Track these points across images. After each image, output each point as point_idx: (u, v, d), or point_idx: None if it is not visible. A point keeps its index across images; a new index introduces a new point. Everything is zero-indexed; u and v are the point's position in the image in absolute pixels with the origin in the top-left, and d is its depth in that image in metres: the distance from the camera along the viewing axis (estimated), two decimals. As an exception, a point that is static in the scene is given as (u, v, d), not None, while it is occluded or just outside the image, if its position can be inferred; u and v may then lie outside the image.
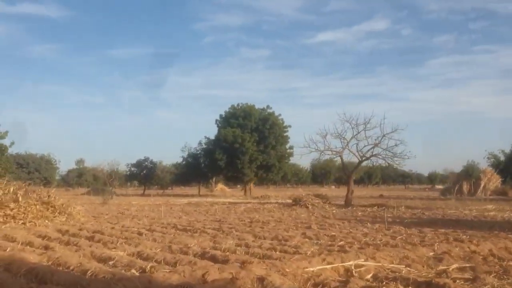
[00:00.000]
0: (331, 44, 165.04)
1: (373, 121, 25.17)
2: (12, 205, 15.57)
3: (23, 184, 16.93)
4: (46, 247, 10.28)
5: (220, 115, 48.67)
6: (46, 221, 15.86)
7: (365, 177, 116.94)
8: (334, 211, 22.47)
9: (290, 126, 48.15)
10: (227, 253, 9.08)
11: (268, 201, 34.26)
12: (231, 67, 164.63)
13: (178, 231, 13.58)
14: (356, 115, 25.63)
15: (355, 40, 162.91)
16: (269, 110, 48.45)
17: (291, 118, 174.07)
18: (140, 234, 12.61)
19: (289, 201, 28.19)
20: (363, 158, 25.31)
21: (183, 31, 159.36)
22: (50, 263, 8.35)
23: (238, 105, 48.21)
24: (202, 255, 8.86)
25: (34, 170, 60.99)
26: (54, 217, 16.17)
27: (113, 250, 9.69)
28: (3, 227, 14.69)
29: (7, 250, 9.69)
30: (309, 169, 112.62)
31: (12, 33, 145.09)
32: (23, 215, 15.50)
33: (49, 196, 16.63)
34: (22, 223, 15.30)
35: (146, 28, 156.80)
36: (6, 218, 15.31)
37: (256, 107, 48.40)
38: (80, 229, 13.75)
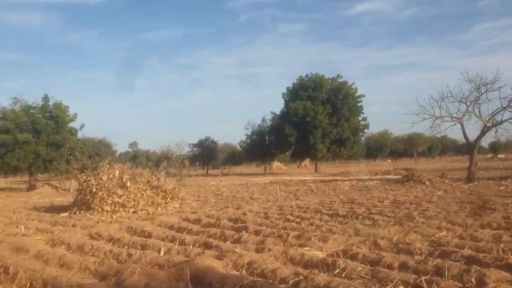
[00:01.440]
0: (369, 14, 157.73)
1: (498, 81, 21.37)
2: (119, 191, 13.40)
3: (126, 167, 14.69)
4: (208, 245, 7.82)
5: (287, 88, 45.72)
6: (159, 208, 13.62)
7: (425, 150, 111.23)
8: (465, 187, 19.22)
9: (363, 96, 44.68)
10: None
11: (357, 177, 31.25)
12: (267, 44, 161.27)
13: (338, 217, 10.86)
14: (481, 74, 21.83)
15: (394, 9, 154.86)
16: (339, 80, 45.00)
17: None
18: (298, 223, 9.99)
19: (391, 177, 25.06)
20: (491, 124, 21.72)
21: (218, 10, 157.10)
22: (242, 272, 5.85)
23: (306, 75, 45.07)
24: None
25: (94, 154, 60.38)
26: (166, 203, 13.93)
27: (306, 248, 7.09)
28: (114, 216, 12.57)
29: (162, 254, 7.28)
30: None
31: (53, 21, 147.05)
32: (133, 202, 13.32)
33: (158, 179, 14.34)
34: (133, 212, 13.15)
35: (180, 10, 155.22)
36: (115, 207, 13.19)
37: (326, 76, 45.10)
38: (218, 219, 11.26)
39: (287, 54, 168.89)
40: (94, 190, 13.26)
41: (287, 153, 50.53)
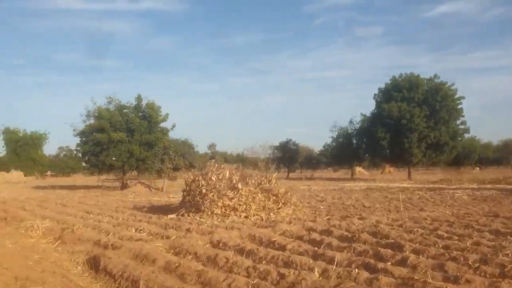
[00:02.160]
0: (450, 16, 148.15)
1: None
2: (230, 193, 12.25)
3: (234, 168, 13.55)
4: (369, 267, 6.26)
5: (379, 89, 43.10)
6: (271, 213, 12.31)
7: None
8: None
9: (464, 98, 40.90)
10: None
11: (463, 186, 28.17)
12: (343, 47, 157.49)
13: (500, 235, 8.83)
14: None
15: (479, 10, 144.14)
16: (436, 80, 41.57)
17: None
18: (460, 241, 8.11)
19: (503, 186, 21.94)
20: None
21: (294, 14, 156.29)
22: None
23: (400, 75, 42.17)
24: None
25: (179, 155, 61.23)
26: (279, 208, 12.57)
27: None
28: (227, 221, 11.38)
29: (317, 275, 5.82)
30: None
31: (136, 28, 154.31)
32: (244, 206, 12.10)
33: (269, 182, 13.03)
34: (245, 217, 11.94)
35: (256, 15, 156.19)
36: (225, 210, 12.05)
37: (422, 76, 41.89)
38: (350, 231, 9.68)
39: (362, 57, 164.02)
40: (204, 191, 12.24)
41: (377, 157, 47.75)
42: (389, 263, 6.58)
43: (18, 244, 9.38)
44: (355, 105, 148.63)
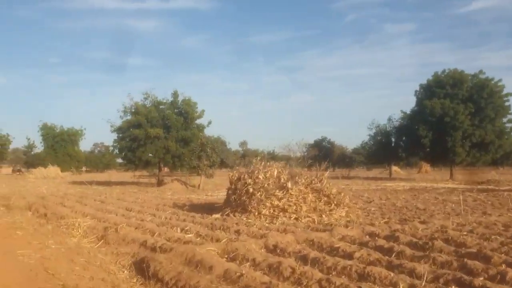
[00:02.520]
0: (485, 11, 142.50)
1: None
2: (279, 193, 11.47)
3: (280, 166, 12.76)
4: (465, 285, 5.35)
5: (421, 85, 41.35)
6: (323, 215, 11.46)
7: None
8: None
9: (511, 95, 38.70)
10: None
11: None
12: (373, 45, 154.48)
13: None
14: None
15: None
16: (481, 76, 39.56)
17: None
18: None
19: None
20: None
21: (323, 12, 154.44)
22: None
23: (443, 71, 40.34)
24: None
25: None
26: (331, 210, 11.68)
27: None
28: (277, 223, 10.61)
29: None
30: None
31: (166, 26, 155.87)
32: (294, 207, 11.29)
33: (320, 181, 12.19)
34: (295, 218, 11.13)
35: (285, 13, 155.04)
36: (274, 211, 11.27)
37: (466, 72, 39.93)
38: (417, 236, 8.74)
39: (394, 55, 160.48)
40: (251, 190, 11.51)
41: (417, 156, 46.03)
42: (481, 278, 5.66)
43: (62, 244, 8.90)
44: (385, 104, 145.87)
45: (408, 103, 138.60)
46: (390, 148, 44.80)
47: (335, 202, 11.81)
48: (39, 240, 8.90)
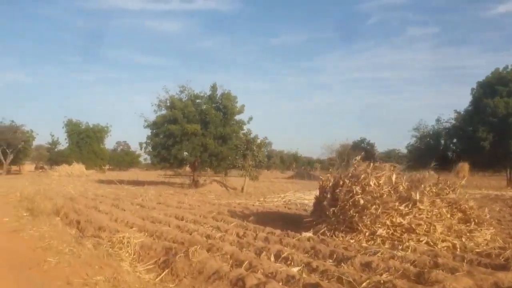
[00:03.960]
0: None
1: None
2: (401, 207, 8.31)
3: (392, 168, 9.57)
4: None
5: (478, 82, 37.59)
6: (463, 238, 8.25)
7: None
8: None
9: None
10: None
11: None
12: (395, 47, 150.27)
13: None
14: None
15: None
16: (548, 73, 35.63)
17: (461, 98, 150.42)
18: None
19: None
20: None
21: (345, 14, 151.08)
22: None
23: (505, 67, 36.50)
24: None
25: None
26: (470, 231, 8.46)
27: None
28: (408, 250, 7.44)
29: None
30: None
31: (188, 27, 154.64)
32: (425, 226, 8.11)
33: (453, 190, 8.98)
34: (426, 243, 7.91)
35: (307, 15, 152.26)
36: (394, 231, 8.09)
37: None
38: None
39: (416, 58, 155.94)
40: (361, 202, 8.37)
41: (473, 160, 42.19)
42: None
43: (111, 278, 5.96)
44: (410, 106, 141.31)
45: (435, 106, 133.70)
46: (439, 151, 41.07)
47: (475, 220, 8.58)
48: (82, 273, 5.97)
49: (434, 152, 41.02)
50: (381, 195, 8.51)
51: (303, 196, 17.55)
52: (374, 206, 8.27)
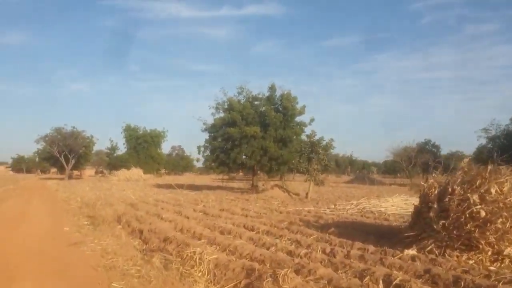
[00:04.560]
0: None
1: None
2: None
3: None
4: None
5: None
6: None
7: None
8: None
9: None
10: None
11: None
12: (452, 46, 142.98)
13: None
14: None
15: None
16: None
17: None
18: None
19: None
20: None
21: (399, 13, 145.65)
22: None
23: None
24: None
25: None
26: None
27: None
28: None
29: None
30: None
31: (239, 33, 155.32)
32: None
33: None
34: None
35: (358, 15, 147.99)
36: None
37: None
38: None
39: (474, 57, 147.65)
40: (483, 214, 6.74)
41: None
42: None
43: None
44: (469, 108, 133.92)
45: (494, 107, 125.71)
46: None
47: None
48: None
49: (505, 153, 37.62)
50: (507, 206, 6.85)
51: (378, 204, 15.91)
52: (501, 220, 6.63)
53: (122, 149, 69.24)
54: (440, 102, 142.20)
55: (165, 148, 79.48)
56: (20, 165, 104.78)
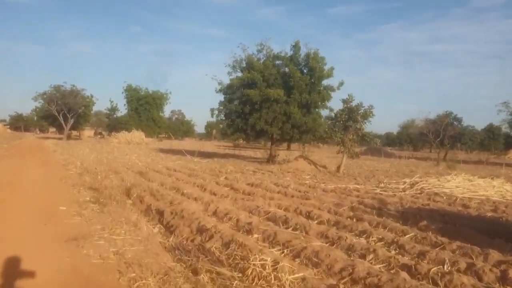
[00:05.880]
0: None
1: None
2: None
3: None
4: None
5: None
6: None
7: None
8: None
9: None
10: None
11: None
12: (459, 19, 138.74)
13: None
14: None
15: None
16: None
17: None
18: None
19: None
20: None
21: None
22: None
23: None
24: None
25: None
26: None
27: None
28: None
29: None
30: None
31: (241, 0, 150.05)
32: None
33: None
34: None
35: None
36: None
37: None
38: None
39: (481, 30, 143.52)
40: None
41: None
42: None
43: None
44: (473, 82, 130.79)
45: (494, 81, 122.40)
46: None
47: None
48: None
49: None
50: None
51: (439, 184, 13.19)
52: None
53: (122, 110, 66.20)
54: (443, 76, 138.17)
55: (165, 112, 76.32)
56: (18, 123, 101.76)
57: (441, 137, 35.75)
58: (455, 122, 44.86)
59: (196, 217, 7.58)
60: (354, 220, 8.02)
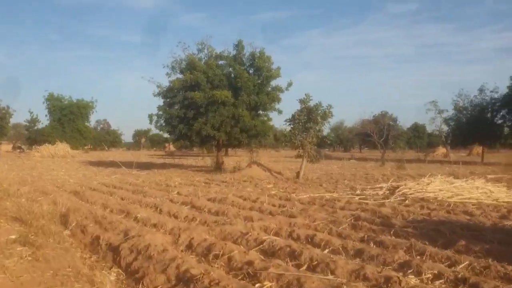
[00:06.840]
0: None
1: None
2: None
3: None
4: None
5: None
6: None
7: None
8: None
9: None
10: None
11: None
12: (376, 24, 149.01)
13: None
14: None
15: None
16: None
17: (441, 76, 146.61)
18: None
19: None
20: None
21: None
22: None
23: None
24: None
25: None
26: None
27: None
28: None
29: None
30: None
31: (164, 4, 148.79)
32: None
33: None
34: None
35: None
36: None
37: None
38: None
39: (397, 35, 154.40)
40: None
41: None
42: None
43: None
44: (398, 84, 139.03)
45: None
46: (486, 125, 35.81)
47: None
48: None
49: (480, 126, 35.65)
50: None
51: (421, 188, 11.94)
52: None
53: (44, 121, 60.64)
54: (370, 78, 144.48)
55: (91, 122, 71.23)
56: None
57: (384, 137, 35.63)
58: (391, 122, 45.42)
59: (171, 257, 5.48)
60: (373, 245, 6.29)
